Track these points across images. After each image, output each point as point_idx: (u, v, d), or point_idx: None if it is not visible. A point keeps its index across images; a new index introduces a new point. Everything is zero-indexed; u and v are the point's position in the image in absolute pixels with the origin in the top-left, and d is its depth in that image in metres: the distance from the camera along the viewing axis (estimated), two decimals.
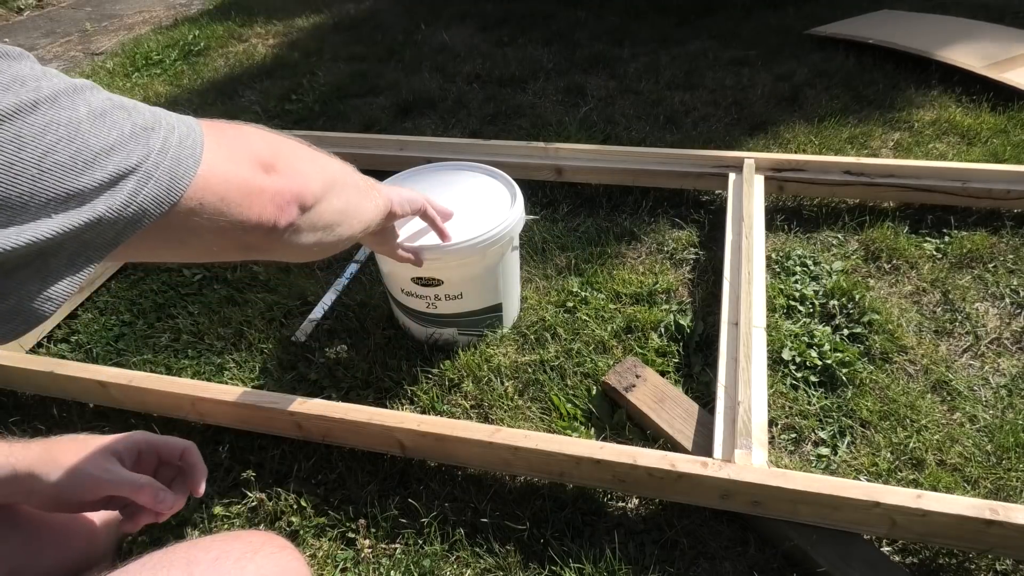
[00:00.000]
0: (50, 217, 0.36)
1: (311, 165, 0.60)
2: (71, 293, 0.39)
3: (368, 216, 0.77)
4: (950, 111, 1.95)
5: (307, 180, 0.57)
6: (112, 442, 0.66)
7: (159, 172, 0.42)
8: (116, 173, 0.39)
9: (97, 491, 0.62)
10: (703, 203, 1.71)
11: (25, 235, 0.34)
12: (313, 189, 0.58)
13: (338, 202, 0.65)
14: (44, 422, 1.27)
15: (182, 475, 0.69)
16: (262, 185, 0.52)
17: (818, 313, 1.36)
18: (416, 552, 1.02)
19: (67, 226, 0.36)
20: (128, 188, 0.40)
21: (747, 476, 0.94)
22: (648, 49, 2.59)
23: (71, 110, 0.37)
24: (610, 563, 0.98)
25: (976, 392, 1.20)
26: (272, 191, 0.53)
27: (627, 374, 1.19)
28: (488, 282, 1.25)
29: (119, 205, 0.39)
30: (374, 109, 2.31)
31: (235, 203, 0.49)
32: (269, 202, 0.52)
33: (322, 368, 1.33)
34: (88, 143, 0.37)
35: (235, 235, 0.50)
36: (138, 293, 1.58)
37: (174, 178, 0.43)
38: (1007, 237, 1.50)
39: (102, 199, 0.38)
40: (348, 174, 0.71)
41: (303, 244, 0.59)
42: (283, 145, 0.59)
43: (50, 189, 0.35)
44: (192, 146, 0.45)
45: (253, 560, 0.61)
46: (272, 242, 0.55)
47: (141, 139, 0.41)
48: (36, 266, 0.37)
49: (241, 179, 0.50)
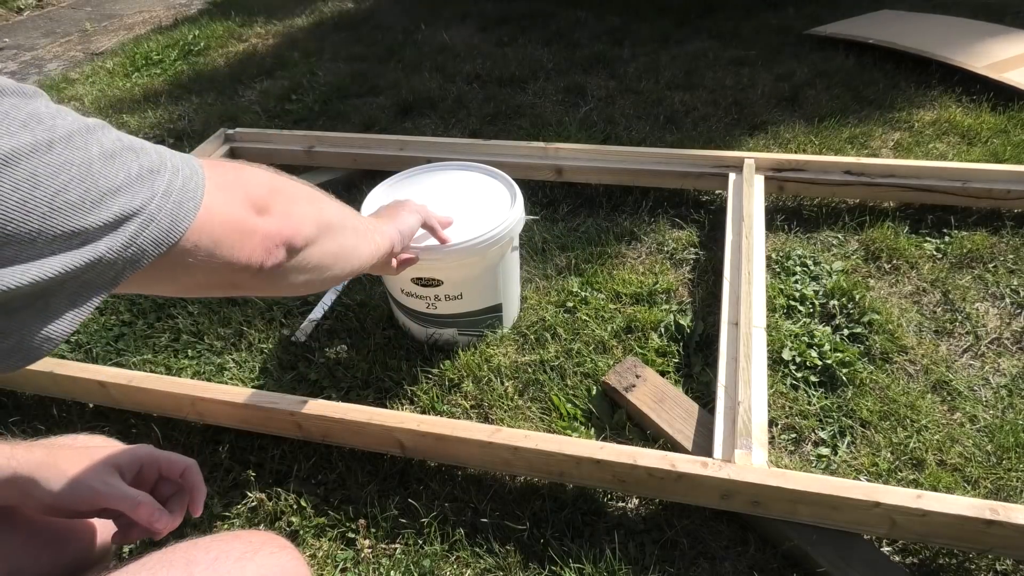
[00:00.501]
0: (54, 255, 0.36)
1: (307, 207, 0.61)
2: (70, 331, 0.40)
3: (364, 258, 0.78)
4: (950, 111, 1.95)
5: (300, 223, 0.58)
6: (114, 454, 0.66)
7: (161, 215, 0.42)
8: (120, 215, 0.39)
9: (95, 503, 0.62)
10: (703, 203, 1.71)
11: (29, 274, 0.35)
12: (305, 232, 0.59)
13: (332, 245, 0.66)
14: (44, 422, 1.27)
15: (181, 492, 0.69)
16: (254, 226, 0.53)
17: (818, 313, 1.36)
18: (416, 552, 1.02)
19: (69, 265, 0.37)
20: (130, 230, 0.40)
21: (747, 476, 0.94)
22: (648, 49, 2.59)
23: (84, 150, 0.38)
24: (610, 563, 0.98)
25: (976, 392, 1.20)
26: (262, 233, 0.54)
27: (627, 374, 1.19)
28: (488, 282, 1.25)
29: (120, 246, 0.40)
30: (374, 109, 2.31)
31: (227, 244, 0.50)
32: (259, 244, 0.53)
33: (322, 368, 1.33)
34: (97, 183, 0.38)
35: (225, 274, 0.51)
36: (138, 293, 1.57)
37: (174, 221, 0.44)
38: (1007, 237, 1.50)
39: (104, 240, 0.39)
40: (347, 217, 0.72)
41: (291, 283, 0.61)
42: (281, 187, 0.59)
43: (57, 227, 0.35)
44: (194, 189, 0.46)
45: (253, 560, 0.61)
46: (259, 282, 0.56)
47: (147, 181, 0.42)
48: (38, 306, 0.37)
49: (235, 220, 0.51)
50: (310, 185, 0.66)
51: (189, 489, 0.69)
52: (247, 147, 1.96)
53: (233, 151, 1.96)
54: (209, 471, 1.17)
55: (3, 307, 0.35)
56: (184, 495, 0.69)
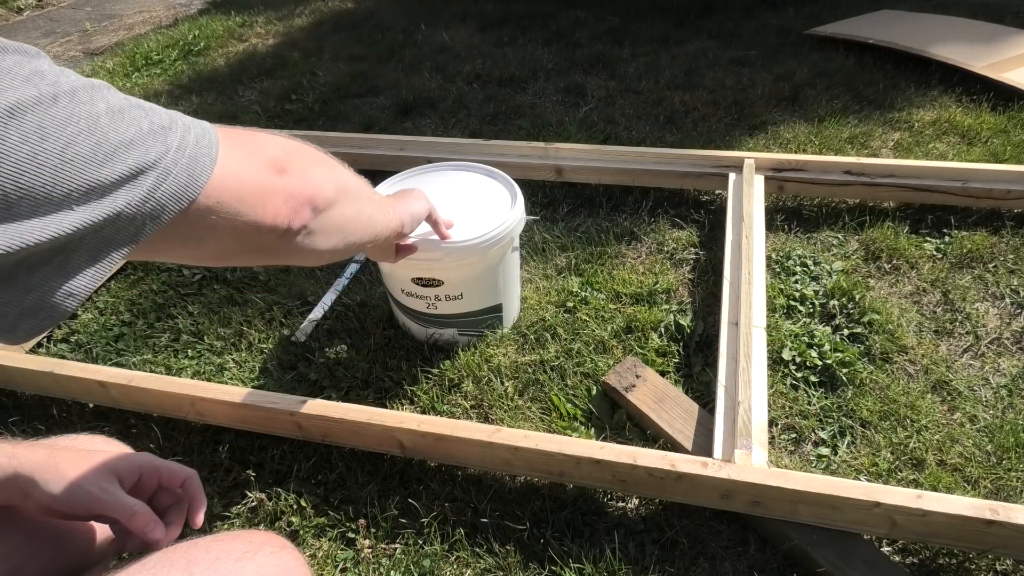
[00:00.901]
0: (72, 210, 0.36)
1: (324, 170, 0.61)
2: (92, 289, 0.40)
3: (380, 227, 0.78)
4: (950, 111, 1.95)
5: (319, 184, 0.58)
6: (114, 461, 0.66)
7: (178, 169, 0.42)
8: (135, 168, 0.39)
9: (91, 509, 0.62)
10: (703, 203, 1.71)
11: (48, 230, 0.35)
12: (325, 193, 0.59)
13: (350, 209, 0.65)
14: (44, 422, 1.27)
15: (181, 502, 0.69)
16: (275, 186, 0.52)
17: (818, 313, 1.36)
18: (416, 552, 1.02)
19: (87, 220, 0.37)
20: (147, 183, 0.40)
21: (747, 476, 0.94)
22: (648, 49, 2.59)
23: (90, 104, 0.38)
24: (610, 563, 0.98)
25: (976, 392, 1.20)
26: (285, 192, 0.53)
27: (627, 374, 1.19)
28: (488, 282, 1.25)
29: (138, 200, 0.40)
30: (374, 109, 2.31)
31: (250, 203, 0.49)
32: (283, 203, 0.53)
33: (322, 368, 1.33)
34: (108, 137, 0.38)
35: (250, 236, 0.51)
36: (138, 293, 1.58)
37: (192, 175, 0.43)
38: (1007, 237, 1.50)
39: (122, 193, 0.39)
40: (361, 186, 0.72)
41: (316, 248, 0.60)
42: (296, 150, 0.59)
43: (71, 181, 0.35)
44: (208, 146, 0.46)
45: (253, 560, 0.61)
46: (286, 244, 0.55)
47: (159, 136, 0.42)
48: (58, 262, 0.37)
49: (256, 180, 0.51)
50: (323, 151, 0.66)
51: (189, 500, 0.68)
52: None
53: None
54: (209, 471, 1.17)
55: (23, 263, 0.35)
56: (183, 506, 0.69)
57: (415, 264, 1.18)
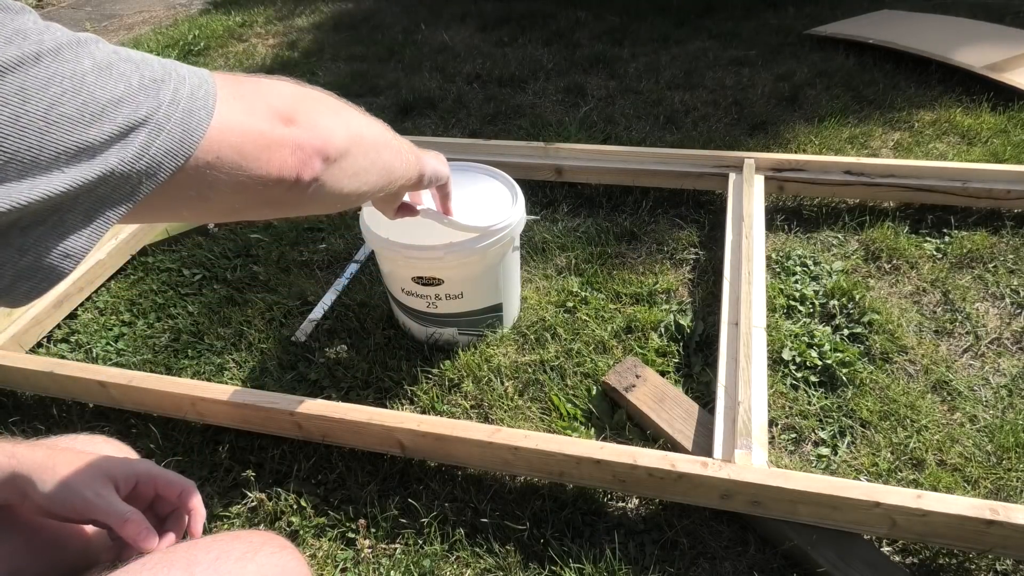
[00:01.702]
0: (62, 171, 0.35)
1: (334, 119, 0.58)
2: (89, 249, 0.39)
3: (397, 175, 0.74)
4: (950, 111, 1.96)
5: (330, 133, 0.55)
6: (112, 466, 0.65)
7: (171, 124, 0.41)
8: (125, 125, 0.38)
9: (85, 513, 0.62)
10: (703, 203, 1.71)
11: (38, 190, 0.34)
12: (337, 143, 0.56)
13: (364, 159, 0.62)
14: (44, 422, 1.27)
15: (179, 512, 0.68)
16: (281, 138, 0.50)
17: (818, 313, 1.36)
18: (416, 552, 1.02)
19: (79, 180, 0.36)
20: (139, 140, 0.39)
21: (747, 476, 0.94)
22: (648, 49, 2.59)
23: (75, 63, 0.37)
24: (610, 563, 0.98)
25: (976, 392, 1.20)
26: (293, 144, 0.51)
27: (627, 374, 1.19)
28: (488, 282, 1.25)
29: (131, 158, 0.39)
30: (374, 109, 2.29)
31: (253, 157, 0.48)
32: (290, 156, 0.51)
33: (322, 368, 1.33)
34: (94, 95, 0.37)
35: (257, 191, 0.49)
36: (138, 293, 1.58)
37: (187, 130, 0.42)
38: (1007, 237, 1.50)
39: (113, 152, 0.38)
40: (379, 132, 0.69)
41: (329, 198, 0.58)
42: (305, 97, 0.57)
43: (58, 142, 0.35)
44: (204, 97, 0.44)
45: (253, 560, 0.61)
46: (296, 196, 0.53)
47: (150, 91, 0.40)
48: (52, 222, 0.37)
49: (258, 132, 0.48)
50: (336, 96, 0.63)
51: (188, 512, 0.68)
52: None
53: None
54: (209, 471, 1.17)
55: (16, 224, 0.35)
56: (182, 516, 0.68)
57: (415, 263, 1.18)
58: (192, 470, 1.16)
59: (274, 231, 1.73)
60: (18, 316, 1.40)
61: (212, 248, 1.68)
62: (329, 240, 1.68)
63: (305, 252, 1.65)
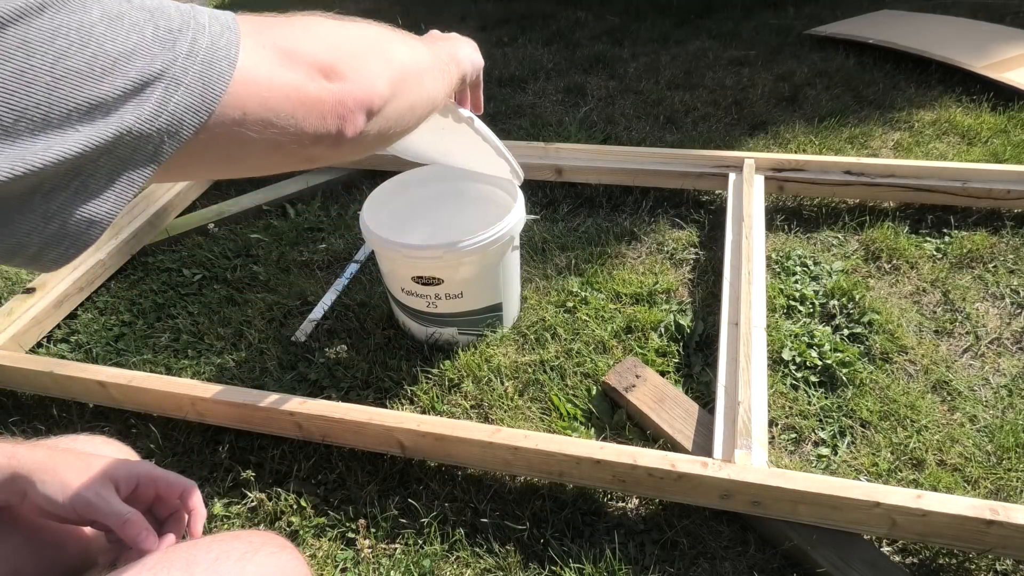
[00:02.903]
0: (75, 130, 0.34)
1: (378, 61, 0.53)
2: (115, 215, 0.38)
3: (439, 99, 0.68)
4: (950, 111, 1.96)
5: (374, 82, 0.51)
6: (113, 467, 0.65)
7: (188, 78, 0.38)
8: (139, 80, 0.36)
9: (85, 513, 0.62)
10: (703, 203, 1.71)
11: (52, 151, 0.33)
12: (381, 91, 0.51)
13: (405, 100, 0.57)
14: (44, 422, 1.27)
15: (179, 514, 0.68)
16: (319, 94, 0.46)
17: (818, 313, 1.36)
18: (416, 552, 1.02)
19: (94, 139, 0.35)
20: (156, 97, 0.37)
21: (747, 476, 0.94)
22: (648, 49, 2.59)
23: (82, 13, 0.34)
24: (610, 563, 0.98)
25: (976, 392, 1.20)
26: (333, 101, 0.47)
27: (627, 374, 1.19)
28: (488, 282, 1.25)
29: (148, 115, 0.37)
30: None
31: (287, 114, 0.44)
32: (330, 113, 0.47)
33: (322, 368, 1.33)
34: (104, 48, 0.35)
35: (292, 149, 0.46)
36: (138, 293, 1.58)
37: (206, 84, 0.39)
38: (1007, 237, 1.50)
39: (128, 109, 0.36)
40: (419, 58, 0.62)
41: (372, 146, 0.55)
42: (346, 39, 0.52)
43: (68, 99, 0.33)
44: (226, 47, 0.41)
45: (253, 560, 0.61)
46: (337, 152, 0.50)
47: (166, 43, 0.38)
48: (75, 187, 0.35)
49: (292, 87, 0.44)
50: (374, 23, 0.58)
51: (188, 512, 0.68)
52: None
53: None
54: (209, 471, 1.17)
55: (38, 189, 0.34)
56: (182, 518, 0.68)
57: (415, 263, 1.18)
58: (192, 470, 1.16)
59: (274, 231, 1.73)
60: (18, 316, 1.40)
61: (212, 248, 1.68)
62: (329, 240, 1.68)
63: (305, 252, 1.65)
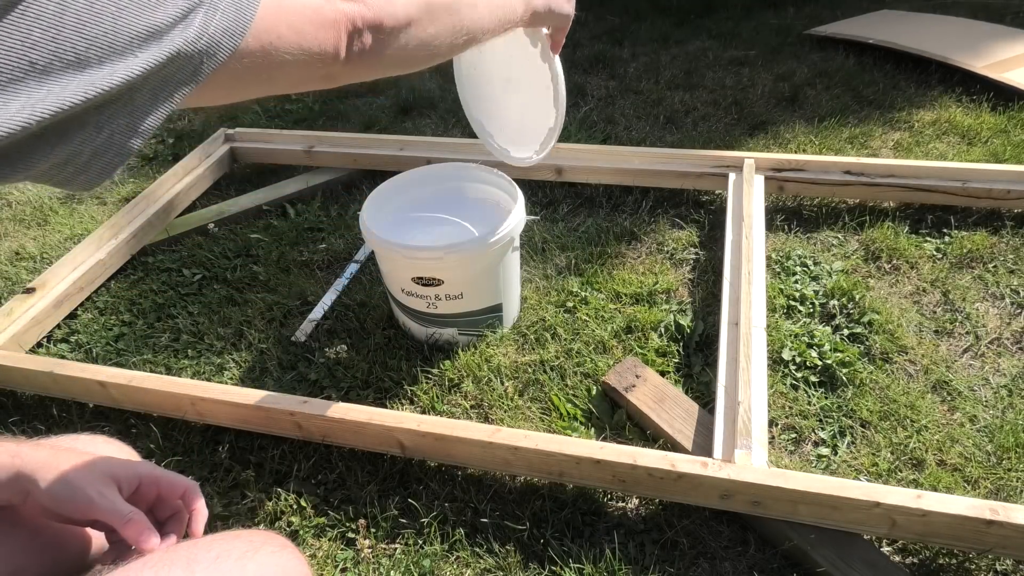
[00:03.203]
0: (135, 55, 0.37)
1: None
2: (155, 127, 0.41)
3: (485, 29, 0.72)
4: (950, 111, 1.96)
5: (388, 5, 0.55)
6: (115, 467, 0.66)
7: (224, 3, 0.42)
8: (185, 7, 0.40)
9: (88, 512, 0.62)
10: (703, 203, 1.71)
11: (117, 75, 0.36)
12: (394, 13, 0.56)
13: (430, 26, 0.62)
14: (44, 422, 1.27)
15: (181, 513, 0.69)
16: (334, 15, 0.51)
17: (818, 313, 1.36)
18: (416, 552, 1.02)
19: (151, 61, 0.38)
20: (198, 20, 0.41)
21: (747, 476, 0.94)
22: (648, 49, 2.59)
23: None
24: (610, 563, 0.98)
25: (976, 392, 1.20)
26: (344, 20, 0.52)
27: (627, 374, 1.19)
28: (488, 282, 1.25)
29: (192, 37, 0.40)
30: (374, 109, 2.31)
31: (310, 35, 0.49)
32: (344, 31, 0.51)
33: (322, 368, 1.33)
34: None
35: (316, 67, 0.50)
36: (138, 293, 1.58)
37: (240, 8, 0.43)
38: (1007, 237, 1.50)
39: (176, 32, 0.39)
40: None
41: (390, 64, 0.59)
42: None
43: (130, 27, 0.37)
44: None
45: (254, 559, 0.61)
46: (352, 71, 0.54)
47: None
48: (123, 100, 0.39)
49: (312, 8, 0.49)
50: None
51: (190, 512, 0.68)
52: (247, 147, 1.96)
53: (233, 151, 1.96)
54: (209, 471, 1.17)
55: (97, 107, 0.37)
56: (183, 518, 0.68)
57: (415, 263, 1.18)
58: (192, 470, 1.16)
59: (274, 231, 1.73)
60: (18, 316, 1.40)
61: (212, 248, 1.68)
62: (329, 240, 1.69)
63: (305, 252, 1.65)
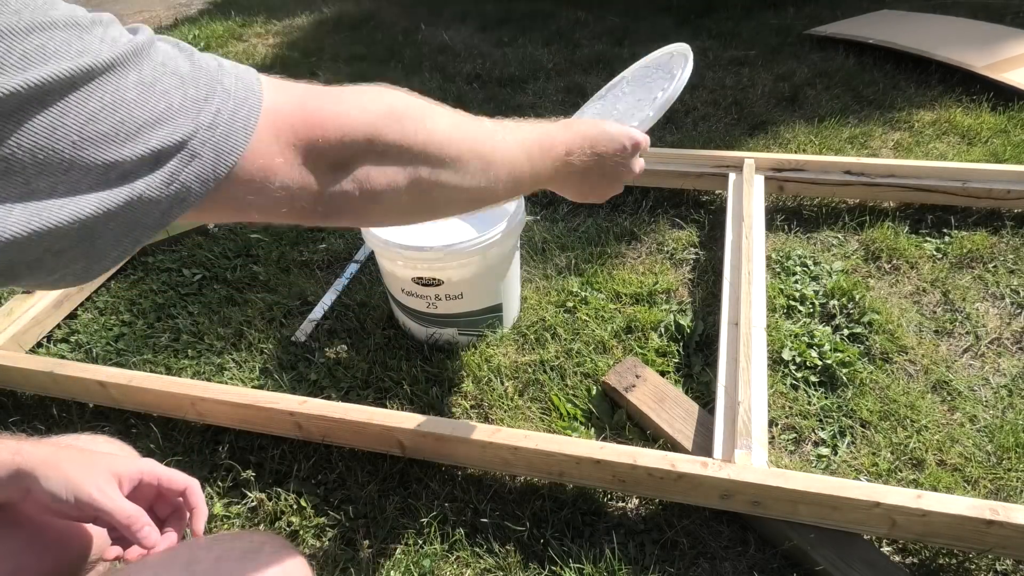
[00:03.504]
0: (92, 190, 0.35)
1: (397, 169, 0.51)
2: (113, 267, 0.41)
3: (488, 201, 0.64)
4: (950, 111, 1.96)
5: (372, 198, 0.50)
6: (116, 464, 0.66)
7: (205, 150, 0.39)
8: (159, 149, 0.37)
9: (89, 509, 0.62)
10: (703, 203, 1.71)
11: (67, 210, 0.34)
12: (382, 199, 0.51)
13: (415, 204, 0.55)
14: (44, 422, 1.27)
15: (181, 511, 0.69)
16: (314, 187, 0.46)
17: (818, 313, 1.36)
18: (416, 552, 1.02)
19: (107, 201, 0.35)
20: (170, 166, 0.38)
21: (747, 476, 0.94)
22: (648, 49, 2.57)
23: (120, 77, 0.36)
24: (610, 563, 0.98)
25: (976, 392, 1.20)
26: (327, 196, 0.47)
27: (627, 374, 1.19)
28: (488, 282, 1.25)
29: (160, 183, 0.37)
30: None
31: (281, 188, 0.45)
32: (311, 203, 0.47)
33: (322, 368, 1.33)
34: (132, 114, 0.36)
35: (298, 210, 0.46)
36: (138, 293, 1.58)
37: (218, 155, 0.40)
38: (1007, 237, 1.50)
39: (142, 175, 0.37)
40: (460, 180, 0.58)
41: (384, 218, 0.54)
42: (382, 130, 0.50)
43: (89, 158, 0.34)
44: (246, 118, 0.41)
45: (255, 559, 0.61)
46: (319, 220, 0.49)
47: (190, 112, 0.39)
48: (83, 247, 0.36)
49: (299, 176, 0.45)
50: (442, 111, 0.57)
51: (190, 510, 0.68)
52: None
53: None
54: (209, 471, 1.17)
55: (50, 249, 0.35)
56: (183, 516, 0.68)
57: (415, 264, 1.18)
58: (192, 470, 1.16)
59: (274, 231, 1.73)
60: (18, 316, 1.40)
61: (212, 248, 1.68)
62: (329, 240, 1.68)
63: (305, 252, 1.65)
